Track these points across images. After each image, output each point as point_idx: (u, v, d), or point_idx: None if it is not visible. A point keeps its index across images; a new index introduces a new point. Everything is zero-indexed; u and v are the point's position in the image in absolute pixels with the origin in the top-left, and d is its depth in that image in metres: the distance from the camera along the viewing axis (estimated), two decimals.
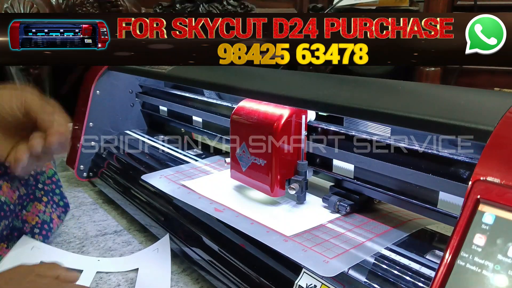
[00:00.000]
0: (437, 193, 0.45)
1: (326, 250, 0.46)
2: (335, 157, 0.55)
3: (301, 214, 0.55)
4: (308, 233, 0.50)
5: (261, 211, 0.56)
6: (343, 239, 0.49)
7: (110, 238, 0.66)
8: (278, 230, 0.51)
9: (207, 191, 0.64)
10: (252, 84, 0.59)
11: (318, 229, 0.51)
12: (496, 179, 0.31)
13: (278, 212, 0.56)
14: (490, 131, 0.33)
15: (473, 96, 0.46)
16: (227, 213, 0.56)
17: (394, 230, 0.51)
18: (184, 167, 0.76)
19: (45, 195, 0.61)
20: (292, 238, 0.49)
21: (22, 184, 0.57)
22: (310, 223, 0.52)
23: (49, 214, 0.61)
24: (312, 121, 0.58)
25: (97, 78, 0.91)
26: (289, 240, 0.49)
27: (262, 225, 0.52)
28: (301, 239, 0.49)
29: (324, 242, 0.48)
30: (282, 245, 0.48)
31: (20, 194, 0.56)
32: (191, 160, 0.80)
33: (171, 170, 0.74)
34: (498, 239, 0.29)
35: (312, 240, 0.49)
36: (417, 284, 0.40)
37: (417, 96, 0.48)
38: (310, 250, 0.46)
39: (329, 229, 0.51)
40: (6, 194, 0.54)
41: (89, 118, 0.91)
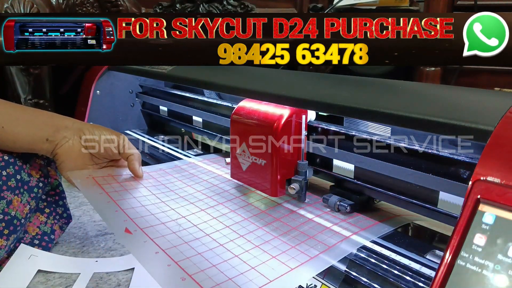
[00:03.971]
0: (437, 193, 0.45)
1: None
2: (335, 157, 0.55)
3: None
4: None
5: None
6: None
7: (110, 238, 0.66)
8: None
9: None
10: (252, 84, 0.59)
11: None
12: (496, 179, 0.31)
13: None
14: (490, 131, 0.33)
15: (473, 96, 0.46)
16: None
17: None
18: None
19: (47, 207, 0.61)
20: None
21: (32, 197, 0.56)
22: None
23: (50, 226, 0.61)
24: (312, 121, 0.58)
25: (97, 78, 0.91)
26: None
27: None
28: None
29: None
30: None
31: (31, 208, 0.56)
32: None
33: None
34: (498, 239, 0.29)
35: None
36: (417, 284, 0.40)
37: (417, 96, 0.48)
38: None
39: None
40: (16, 208, 0.53)
41: (89, 118, 0.91)
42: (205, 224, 0.52)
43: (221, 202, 0.59)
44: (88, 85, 0.92)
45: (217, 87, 0.65)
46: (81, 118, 0.91)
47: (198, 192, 0.62)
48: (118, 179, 0.62)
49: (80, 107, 0.93)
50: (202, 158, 0.79)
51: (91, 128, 0.62)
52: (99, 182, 0.59)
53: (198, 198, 0.60)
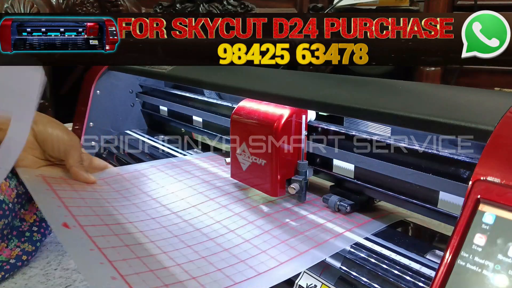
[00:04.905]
0: (437, 193, 0.45)
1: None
2: (335, 157, 0.55)
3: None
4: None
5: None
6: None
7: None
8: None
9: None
10: (252, 84, 0.59)
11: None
12: (496, 179, 0.31)
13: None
14: (490, 131, 0.33)
15: (473, 96, 0.46)
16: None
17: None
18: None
19: None
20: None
21: (20, 182, 0.57)
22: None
23: None
24: (312, 121, 0.58)
25: (97, 78, 0.91)
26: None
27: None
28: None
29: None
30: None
31: (18, 193, 0.56)
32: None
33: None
34: (498, 239, 0.29)
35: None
36: (417, 284, 0.40)
37: (417, 96, 0.48)
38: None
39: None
40: (4, 193, 0.54)
41: (89, 118, 0.91)
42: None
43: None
44: (88, 85, 0.92)
45: (217, 87, 0.65)
46: (81, 118, 0.91)
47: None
48: (69, 182, 0.59)
49: (80, 107, 0.93)
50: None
51: (46, 121, 0.59)
52: (49, 181, 0.57)
53: (161, 203, 0.59)
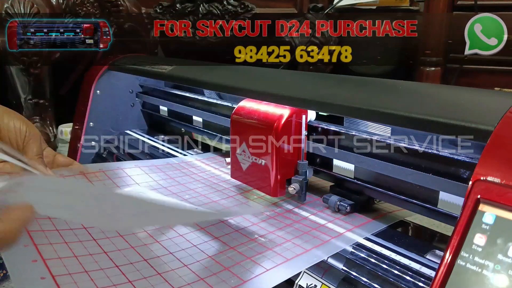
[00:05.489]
0: (437, 193, 0.45)
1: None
2: (335, 157, 0.55)
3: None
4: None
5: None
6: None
7: None
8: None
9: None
10: (252, 84, 0.59)
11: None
12: (496, 179, 0.31)
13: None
14: (490, 131, 0.33)
15: (473, 96, 0.46)
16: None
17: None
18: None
19: None
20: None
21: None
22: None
23: None
24: (312, 121, 0.58)
25: (97, 78, 0.91)
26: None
27: None
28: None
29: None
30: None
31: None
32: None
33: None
34: (498, 239, 0.29)
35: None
36: (417, 284, 0.40)
37: (417, 96, 0.48)
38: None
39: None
40: None
41: (89, 118, 0.91)
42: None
43: None
44: (88, 85, 0.92)
45: (217, 87, 0.65)
46: (81, 118, 0.91)
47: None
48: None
49: (80, 107, 0.93)
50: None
51: (1, 110, 0.55)
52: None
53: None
